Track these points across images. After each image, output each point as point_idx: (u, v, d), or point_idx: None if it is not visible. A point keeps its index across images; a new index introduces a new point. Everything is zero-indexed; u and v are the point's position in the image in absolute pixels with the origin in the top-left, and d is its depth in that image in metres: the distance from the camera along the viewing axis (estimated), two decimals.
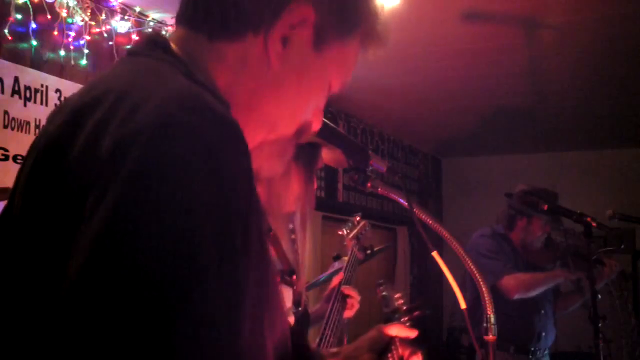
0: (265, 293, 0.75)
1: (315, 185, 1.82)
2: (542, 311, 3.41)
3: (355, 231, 2.32)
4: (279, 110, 0.84)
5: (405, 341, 1.30)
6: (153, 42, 0.82)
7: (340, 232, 2.35)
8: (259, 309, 0.71)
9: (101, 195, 0.60)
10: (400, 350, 1.27)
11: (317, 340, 1.96)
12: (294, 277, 1.79)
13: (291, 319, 1.86)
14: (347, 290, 2.13)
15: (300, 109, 0.87)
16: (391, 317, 1.86)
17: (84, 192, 0.62)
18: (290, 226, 1.87)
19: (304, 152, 1.70)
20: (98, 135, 0.65)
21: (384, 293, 1.98)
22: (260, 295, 0.72)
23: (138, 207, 0.59)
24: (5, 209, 0.76)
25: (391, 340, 1.30)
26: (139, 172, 0.60)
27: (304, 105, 0.87)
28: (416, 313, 1.74)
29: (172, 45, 0.81)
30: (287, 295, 1.82)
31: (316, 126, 0.92)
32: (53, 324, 0.60)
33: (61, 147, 0.68)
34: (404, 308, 1.92)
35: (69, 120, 0.71)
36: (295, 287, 1.82)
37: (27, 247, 0.68)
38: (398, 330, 1.33)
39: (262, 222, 0.72)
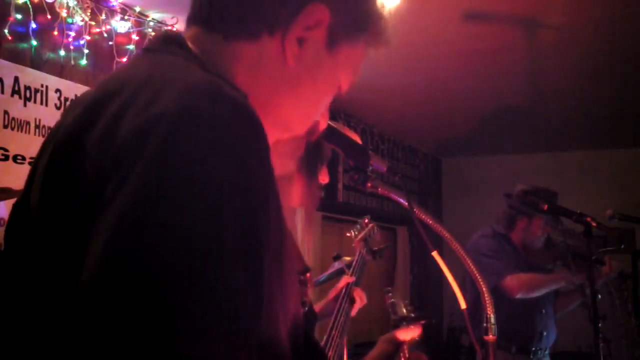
0: (283, 284, 0.75)
1: (327, 180, 1.79)
2: (543, 311, 3.41)
3: (363, 233, 2.33)
4: (294, 109, 0.86)
5: (413, 347, 1.34)
6: (169, 39, 0.83)
7: (348, 234, 2.36)
8: (275, 299, 0.71)
9: (121, 182, 0.60)
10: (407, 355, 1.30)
11: (324, 340, 1.97)
12: (308, 275, 1.78)
13: None
14: (357, 292, 2.13)
15: (313, 108, 0.89)
16: (399, 323, 1.89)
17: (103, 179, 0.62)
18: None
19: (307, 149, 1.69)
20: (116, 124, 0.65)
21: (392, 300, 1.99)
22: (277, 286, 0.72)
23: (158, 196, 0.59)
24: (19, 204, 0.76)
25: (401, 345, 1.34)
26: (159, 160, 0.60)
27: (316, 105, 0.89)
28: (424, 321, 1.76)
29: (188, 43, 0.82)
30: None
31: (323, 125, 0.94)
32: (73, 318, 0.59)
33: (78, 138, 0.68)
34: (412, 315, 1.94)
35: (86, 111, 0.71)
36: (309, 286, 1.82)
37: (45, 241, 0.68)
38: (411, 333, 1.38)
39: (280, 210, 0.72)
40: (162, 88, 0.66)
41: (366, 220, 2.41)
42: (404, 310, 1.95)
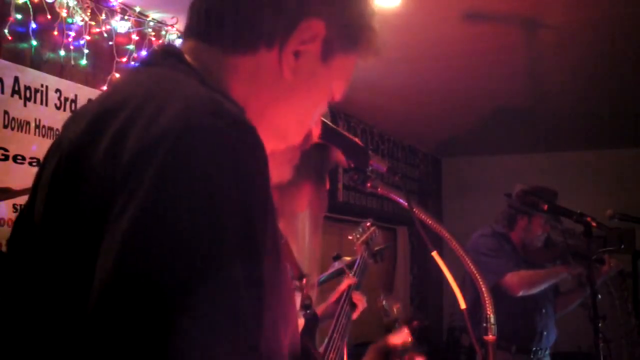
0: (280, 291, 0.76)
1: (328, 186, 1.81)
2: (544, 310, 3.41)
3: (365, 236, 2.34)
4: (290, 119, 0.88)
5: (407, 350, 1.35)
6: (167, 53, 0.84)
7: (350, 237, 2.37)
8: (274, 306, 0.72)
9: (129, 198, 0.62)
10: None
11: (325, 343, 1.97)
12: (304, 281, 1.79)
13: (300, 321, 1.86)
14: (357, 297, 2.14)
15: (308, 117, 0.91)
16: (391, 326, 1.90)
17: (108, 198, 0.64)
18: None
19: (314, 154, 1.70)
20: (120, 140, 0.66)
21: (384, 303, 2.00)
22: (275, 293, 0.73)
23: (166, 210, 0.61)
24: (23, 215, 0.77)
25: (393, 349, 1.35)
26: (165, 176, 0.62)
27: (311, 114, 0.91)
28: (415, 323, 1.77)
29: (186, 56, 0.83)
30: (297, 300, 1.82)
31: (317, 133, 0.97)
32: (84, 327, 0.60)
33: (83, 153, 0.69)
34: (403, 318, 1.95)
35: (91, 126, 0.72)
36: (304, 291, 1.82)
37: (50, 254, 0.69)
38: (401, 337, 1.40)
39: (276, 223, 0.75)
40: (164, 104, 0.67)
41: (368, 224, 2.42)
42: (396, 313, 1.96)
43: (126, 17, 3.32)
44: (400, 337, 1.43)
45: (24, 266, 0.73)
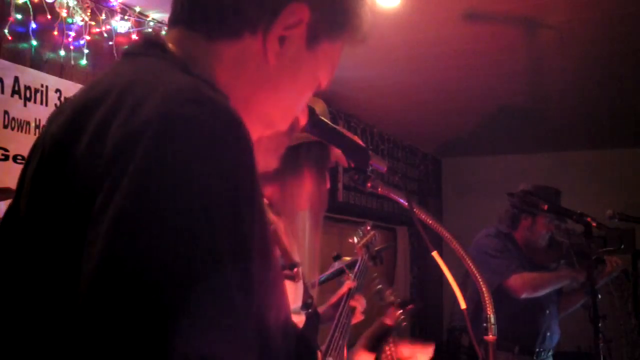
0: (269, 283, 0.76)
1: (329, 185, 1.82)
2: (547, 311, 3.40)
3: (365, 239, 2.35)
4: (276, 106, 0.87)
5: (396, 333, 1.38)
6: (150, 43, 0.84)
7: (350, 240, 2.38)
8: (263, 299, 0.72)
9: (113, 190, 0.61)
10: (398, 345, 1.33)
11: (326, 343, 1.97)
12: (296, 270, 1.79)
13: (302, 318, 1.86)
14: (355, 301, 2.14)
15: (295, 104, 0.90)
16: (386, 309, 1.91)
17: (91, 190, 0.63)
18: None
19: (315, 151, 1.70)
20: (102, 133, 0.65)
21: (379, 286, 2.01)
22: (265, 286, 0.72)
23: (150, 201, 0.60)
24: (10, 210, 0.76)
25: (389, 330, 1.37)
26: (146, 170, 0.61)
27: (297, 101, 0.90)
28: (409, 306, 1.78)
29: (170, 45, 0.82)
30: (290, 290, 1.82)
31: (303, 121, 0.96)
32: (63, 325, 0.60)
33: (65, 147, 0.68)
34: (398, 300, 1.96)
35: (72, 120, 0.71)
36: (297, 281, 1.82)
37: (34, 248, 0.69)
38: (394, 319, 1.43)
39: (263, 212, 0.74)
40: (145, 94, 0.66)
41: (368, 227, 2.43)
42: (391, 297, 1.97)
43: (126, 17, 3.32)
44: (392, 318, 1.46)
45: (9, 264, 0.72)
